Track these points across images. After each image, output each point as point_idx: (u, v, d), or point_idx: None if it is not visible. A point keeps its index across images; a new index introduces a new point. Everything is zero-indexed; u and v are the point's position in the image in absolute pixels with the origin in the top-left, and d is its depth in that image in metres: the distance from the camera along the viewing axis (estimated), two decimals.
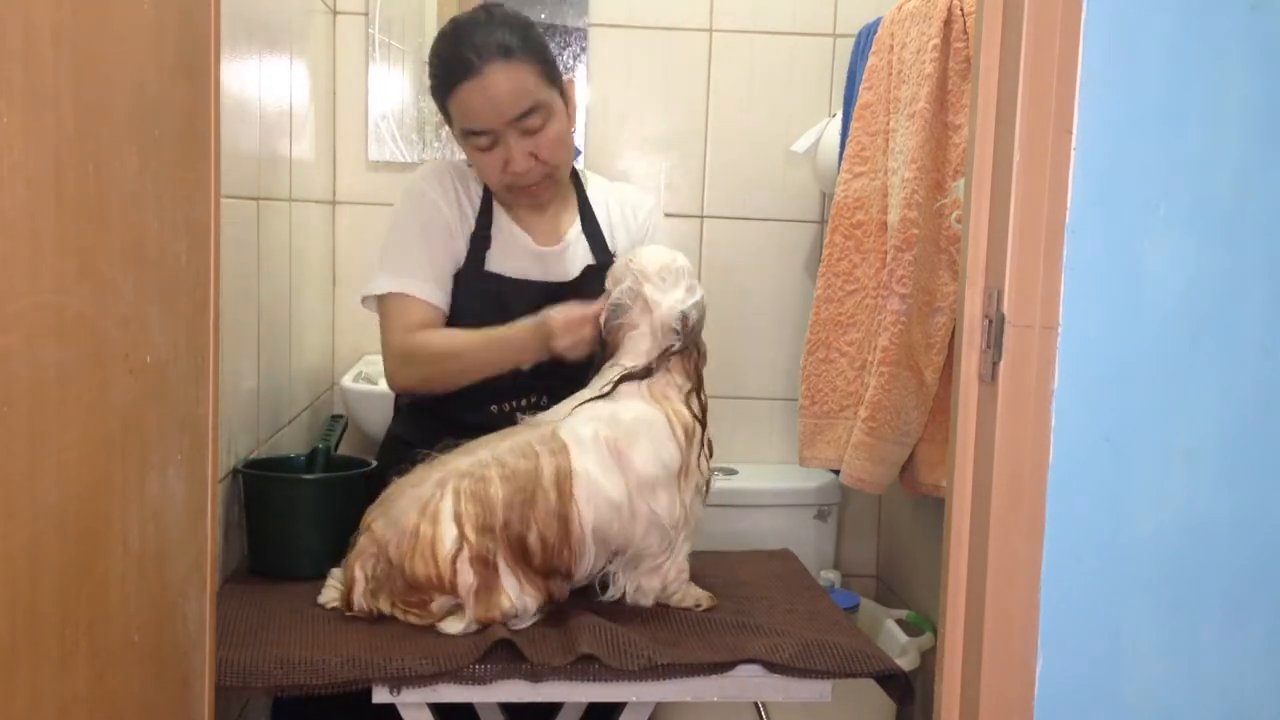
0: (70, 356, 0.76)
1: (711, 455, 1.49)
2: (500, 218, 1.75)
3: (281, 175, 2.01)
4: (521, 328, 1.59)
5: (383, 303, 1.70)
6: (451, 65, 1.63)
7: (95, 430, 0.81)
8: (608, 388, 1.44)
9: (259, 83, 1.82)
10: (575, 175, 1.84)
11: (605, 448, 1.39)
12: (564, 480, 1.37)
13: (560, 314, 1.55)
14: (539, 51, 1.65)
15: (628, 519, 1.39)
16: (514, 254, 1.73)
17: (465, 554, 1.34)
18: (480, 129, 1.63)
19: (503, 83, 1.60)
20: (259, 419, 1.87)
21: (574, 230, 1.79)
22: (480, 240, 1.73)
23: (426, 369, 1.67)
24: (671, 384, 1.45)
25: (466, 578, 1.34)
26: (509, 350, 1.60)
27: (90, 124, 0.78)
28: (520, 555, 1.36)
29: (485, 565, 1.34)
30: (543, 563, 1.37)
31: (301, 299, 2.20)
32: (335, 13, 2.51)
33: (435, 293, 1.69)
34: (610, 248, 1.79)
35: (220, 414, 1.05)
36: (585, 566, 1.41)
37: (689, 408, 1.44)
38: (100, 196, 0.80)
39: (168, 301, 0.93)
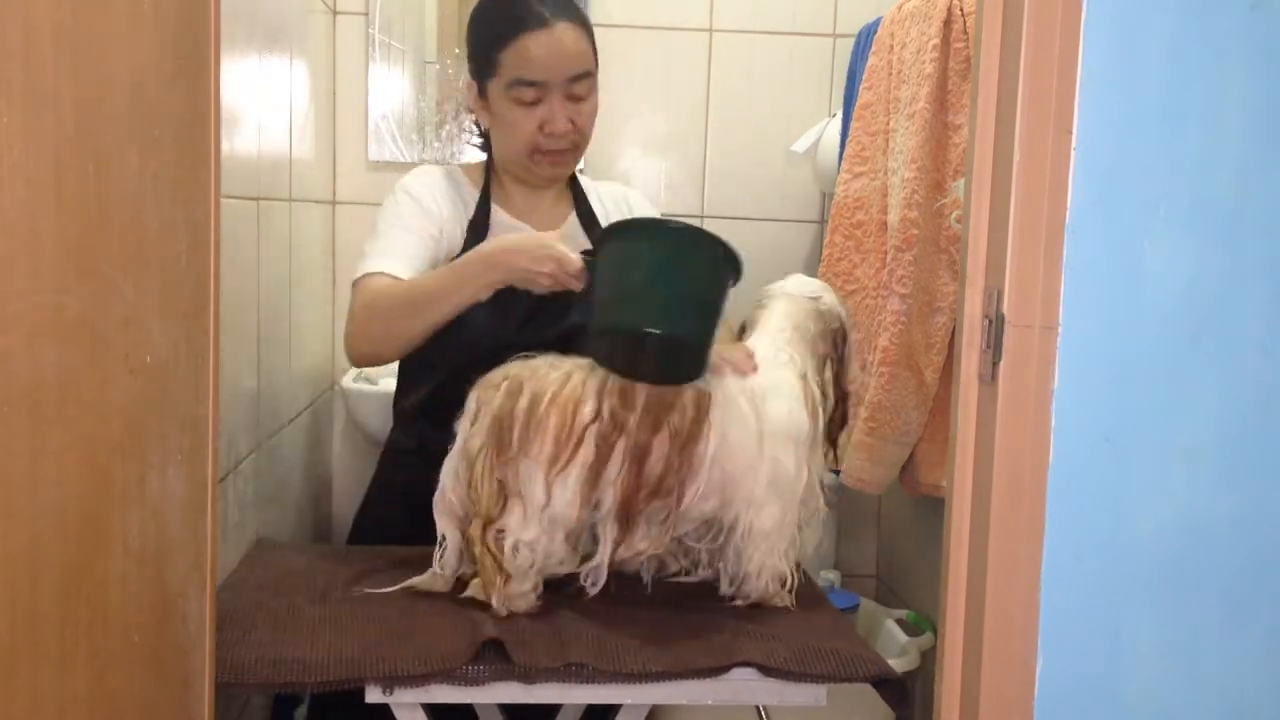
0: (70, 356, 0.76)
1: (835, 458, 1.54)
2: (498, 213, 1.76)
3: (281, 175, 2.01)
4: (463, 263, 1.56)
5: (356, 287, 1.65)
6: (519, 14, 1.66)
7: (95, 430, 0.81)
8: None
9: (259, 83, 1.82)
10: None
11: (744, 393, 1.43)
12: (703, 399, 1.40)
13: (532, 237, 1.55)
14: (591, 29, 1.72)
15: (754, 457, 1.41)
16: None
17: (595, 428, 1.36)
18: (536, 79, 1.65)
19: (570, 40, 1.66)
20: (259, 419, 1.87)
21: (571, 220, 1.81)
22: (478, 228, 1.73)
23: (375, 323, 1.59)
24: (811, 368, 1.50)
25: (589, 451, 1.36)
26: (462, 271, 1.54)
27: (90, 124, 0.78)
28: (638, 464, 1.37)
29: (606, 445, 1.36)
30: (660, 476, 1.37)
31: (301, 299, 2.20)
32: (335, 13, 2.51)
33: (402, 268, 1.63)
34: None
35: (220, 414, 1.05)
36: (693, 493, 1.40)
37: (820, 388, 1.49)
38: (100, 196, 0.80)
39: (168, 301, 0.93)
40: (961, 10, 1.88)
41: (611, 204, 1.86)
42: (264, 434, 1.90)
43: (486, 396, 1.40)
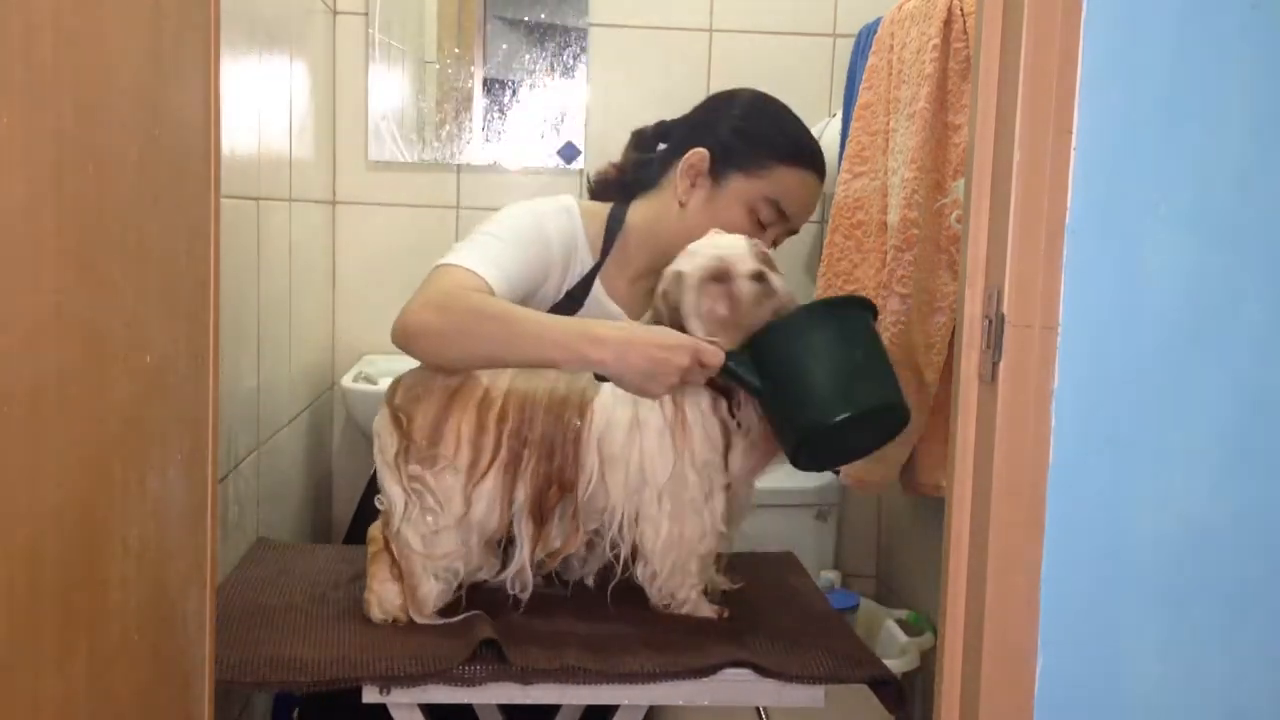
0: (70, 356, 0.76)
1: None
2: (598, 290, 1.65)
3: (281, 175, 2.01)
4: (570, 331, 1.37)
5: (446, 269, 1.45)
6: (806, 146, 1.67)
7: (95, 430, 0.81)
8: None
9: (259, 83, 1.82)
10: None
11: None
12: (589, 388, 1.39)
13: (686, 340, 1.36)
14: None
15: (625, 444, 1.37)
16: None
17: (508, 427, 1.36)
18: (788, 213, 1.64)
19: (816, 195, 1.69)
20: (259, 419, 1.87)
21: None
22: (575, 296, 1.62)
23: (453, 318, 1.37)
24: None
25: (505, 452, 1.37)
26: (563, 336, 1.36)
27: (90, 124, 0.78)
28: (547, 458, 1.37)
29: (518, 441, 1.37)
30: (560, 468, 1.37)
31: (301, 299, 2.20)
32: (335, 13, 2.51)
33: (500, 284, 1.45)
34: None
35: (220, 414, 1.05)
36: (584, 483, 1.36)
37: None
38: (100, 196, 0.80)
39: (168, 301, 0.93)
40: (961, 10, 1.88)
41: None
42: (264, 434, 1.90)
43: (394, 399, 1.40)
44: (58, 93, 0.73)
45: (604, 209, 1.69)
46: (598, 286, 1.64)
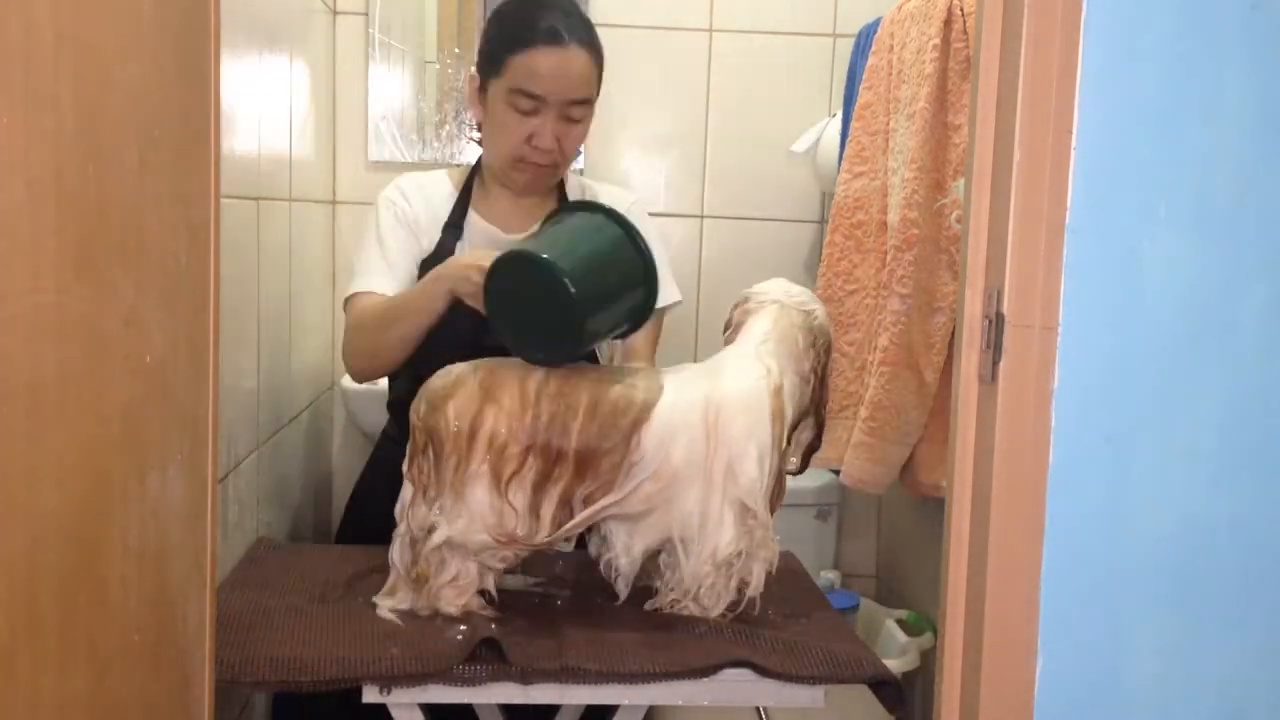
0: (70, 356, 0.76)
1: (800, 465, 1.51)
2: (474, 216, 1.78)
3: (281, 175, 2.01)
4: (426, 278, 1.64)
5: (349, 304, 1.74)
6: (534, 26, 1.68)
7: (95, 430, 0.81)
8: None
9: (259, 83, 1.82)
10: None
11: (704, 400, 1.39)
12: (651, 395, 1.39)
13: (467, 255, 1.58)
14: (602, 57, 1.76)
15: (699, 469, 1.37)
16: (484, 245, 1.74)
17: (538, 440, 1.35)
18: (537, 93, 1.67)
19: (579, 64, 1.69)
20: (259, 419, 1.87)
21: None
22: (452, 230, 1.76)
23: (361, 339, 1.69)
24: (790, 382, 1.44)
25: (533, 468, 1.36)
26: (420, 286, 1.62)
27: (90, 124, 0.78)
28: (580, 473, 1.36)
29: (548, 457, 1.36)
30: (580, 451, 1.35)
31: (301, 299, 2.20)
32: (335, 13, 2.51)
33: (389, 284, 1.72)
34: None
35: (220, 414, 1.05)
36: (629, 489, 1.36)
37: (797, 406, 1.45)
38: (100, 196, 0.80)
39: (168, 301, 0.93)
40: (961, 10, 1.88)
41: None
42: (264, 434, 1.90)
43: (420, 411, 1.40)
44: (58, 93, 0.73)
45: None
46: (472, 214, 1.79)
